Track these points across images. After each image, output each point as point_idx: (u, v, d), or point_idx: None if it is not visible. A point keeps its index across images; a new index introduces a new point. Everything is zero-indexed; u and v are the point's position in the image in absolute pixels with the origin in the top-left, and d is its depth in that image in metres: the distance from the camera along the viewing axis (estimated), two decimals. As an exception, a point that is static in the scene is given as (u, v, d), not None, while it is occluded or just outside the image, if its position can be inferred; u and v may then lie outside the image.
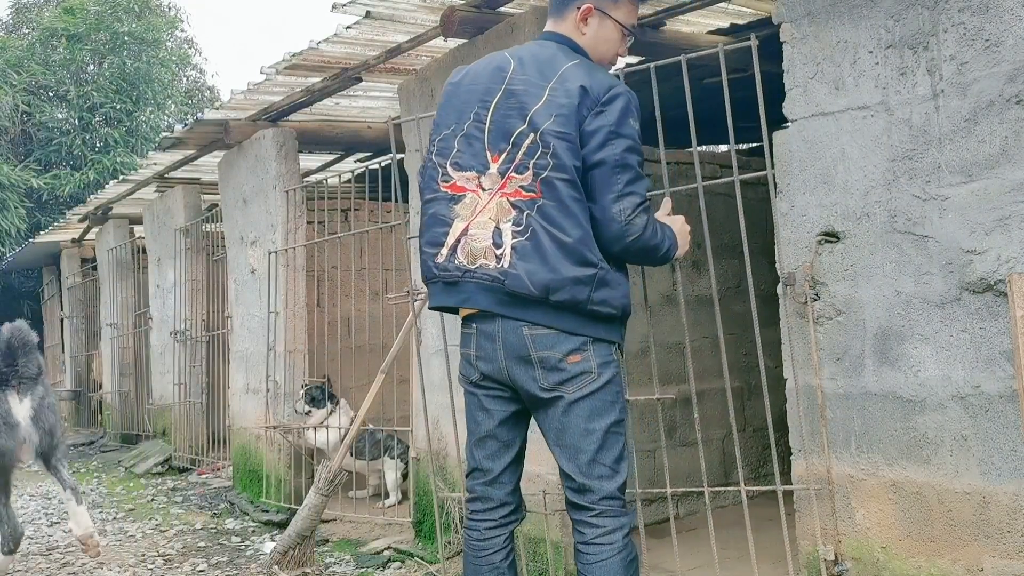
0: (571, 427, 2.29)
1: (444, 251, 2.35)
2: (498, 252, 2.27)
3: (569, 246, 2.23)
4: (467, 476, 2.51)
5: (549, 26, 2.50)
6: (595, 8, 2.43)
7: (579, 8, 2.42)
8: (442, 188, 2.37)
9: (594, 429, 2.29)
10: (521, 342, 2.29)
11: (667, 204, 2.65)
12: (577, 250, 2.23)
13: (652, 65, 3.20)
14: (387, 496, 5.47)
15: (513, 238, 2.26)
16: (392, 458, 5.44)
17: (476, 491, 2.47)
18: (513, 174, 2.28)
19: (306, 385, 5.42)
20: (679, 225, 2.50)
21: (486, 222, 2.30)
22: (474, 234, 2.31)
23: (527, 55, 2.40)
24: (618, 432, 2.33)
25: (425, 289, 3.75)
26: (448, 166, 2.37)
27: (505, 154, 2.29)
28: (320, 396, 5.33)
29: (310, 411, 5.35)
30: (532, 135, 2.27)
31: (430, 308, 2.53)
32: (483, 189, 2.31)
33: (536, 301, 2.25)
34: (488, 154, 2.32)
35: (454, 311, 2.45)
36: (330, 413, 5.29)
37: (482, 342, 2.36)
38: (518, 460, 2.48)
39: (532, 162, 2.26)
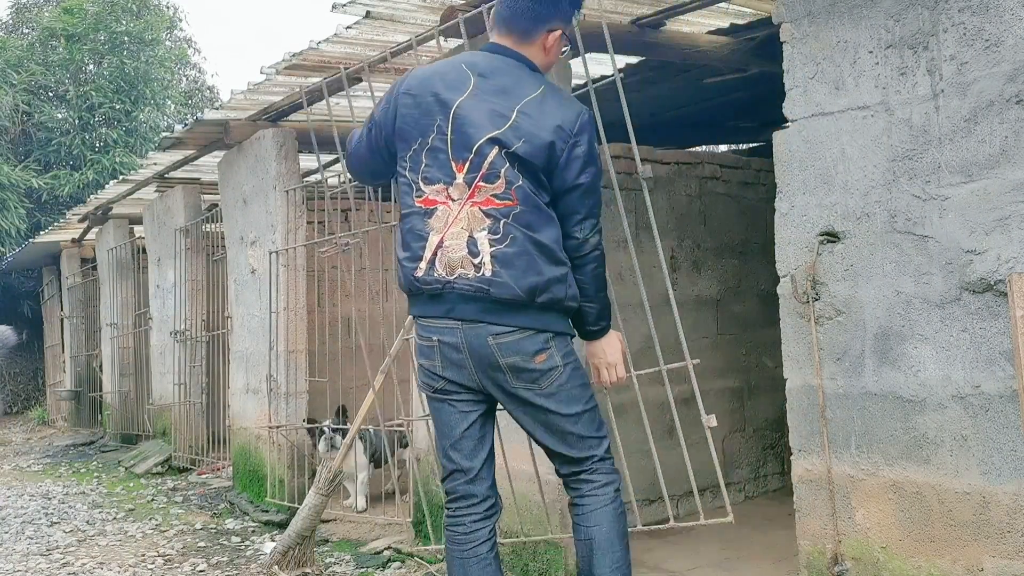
0: (555, 418, 2.45)
1: (423, 264, 2.43)
2: (475, 261, 2.37)
3: (547, 248, 2.37)
4: (445, 479, 2.58)
5: (505, 41, 2.52)
6: (562, 31, 2.53)
7: (550, 32, 2.50)
8: (416, 203, 2.45)
9: (574, 412, 2.47)
10: (487, 351, 2.39)
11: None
12: (553, 251, 2.39)
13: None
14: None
15: (491, 246, 2.36)
16: (405, 446, 5.43)
17: (459, 491, 2.54)
18: (482, 183, 2.37)
19: (327, 424, 5.40)
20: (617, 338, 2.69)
21: (459, 232, 2.38)
22: (449, 245, 2.39)
23: (487, 70, 2.45)
24: (593, 407, 2.53)
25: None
26: (420, 181, 2.44)
27: (469, 163, 2.38)
28: (338, 436, 5.31)
29: (330, 450, 5.35)
30: (497, 148, 2.36)
31: (411, 314, 2.58)
32: (452, 200, 2.39)
33: (521, 305, 2.36)
34: (452, 164, 2.40)
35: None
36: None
37: (447, 352, 2.44)
38: (491, 454, 2.59)
39: (503, 171, 2.36)
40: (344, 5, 3.83)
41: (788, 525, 2.97)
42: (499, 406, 2.58)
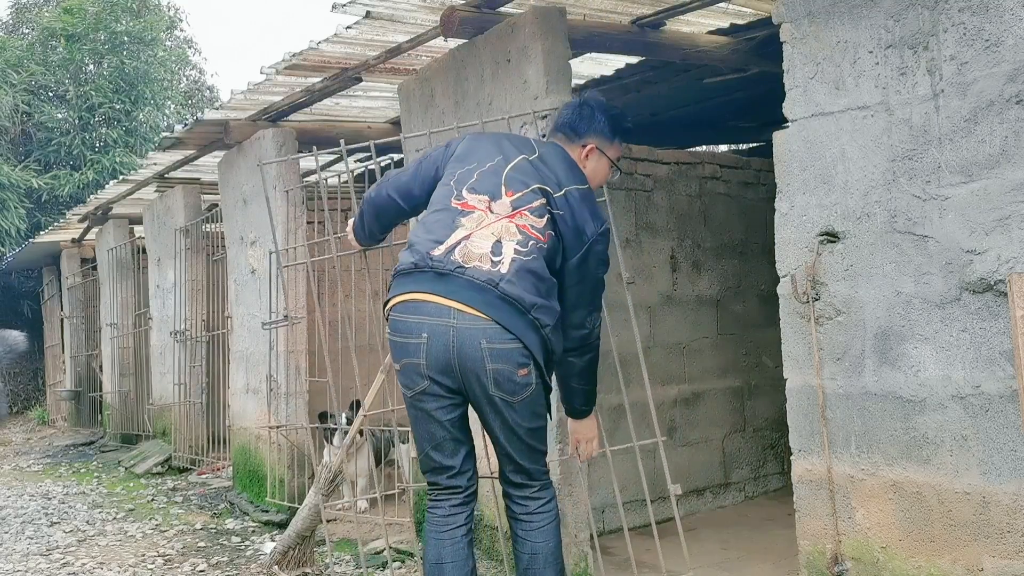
0: (520, 429, 2.62)
1: (442, 248, 2.58)
2: (495, 259, 2.54)
3: (549, 284, 2.60)
4: (426, 472, 2.72)
5: (560, 142, 2.86)
6: (596, 148, 2.84)
7: (584, 147, 2.84)
8: (453, 203, 2.65)
9: (535, 427, 2.65)
10: (477, 354, 2.51)
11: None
12: (551, 290, 2.61)
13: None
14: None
15: (515, 253, 2.55)
16: (404, 443, 5.41)
17: (441, 483, 2.70)
18: (527, 212, 2.61)
19: (344, 415, 5.34)
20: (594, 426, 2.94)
21: (488, 235, 2.57)
22: (475, 241, 2.56)
23: (548, 152, 2.77)
24: (546, 424, 2.73)
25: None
26: (464, 190, 2.66)
27: (521, 194, 2.62)
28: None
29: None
30: (545, 200, 2.65)
31: (398, 295, 2.63)
32: (491, 211, 2.60)
33: (519, 311, 2.52)
34: (503, 188, 2.64)
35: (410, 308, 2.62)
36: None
37: (435, 352, 2.54)
38: (472, 448, 2.73)
39: (546, 217, 2.61)
40: (344, 5, 3.83)
41: (788, 525, 2.97)
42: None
